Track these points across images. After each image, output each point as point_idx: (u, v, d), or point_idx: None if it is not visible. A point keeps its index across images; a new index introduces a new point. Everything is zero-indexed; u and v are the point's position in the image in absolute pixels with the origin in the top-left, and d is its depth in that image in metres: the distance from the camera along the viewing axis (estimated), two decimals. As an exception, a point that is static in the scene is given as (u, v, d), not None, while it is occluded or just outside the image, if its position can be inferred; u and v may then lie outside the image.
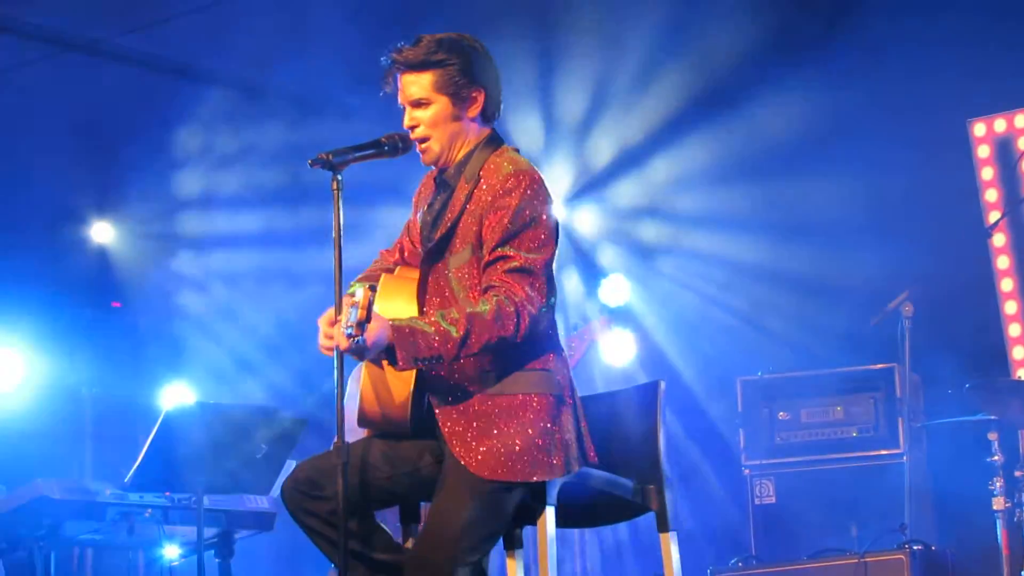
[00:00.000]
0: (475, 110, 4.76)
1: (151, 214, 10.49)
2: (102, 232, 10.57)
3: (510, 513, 4.60)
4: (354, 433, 4.84)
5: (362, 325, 4.21)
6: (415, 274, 4.76)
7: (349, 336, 4.21)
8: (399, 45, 4.74)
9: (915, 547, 7.68)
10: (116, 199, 10.47)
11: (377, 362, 4.60)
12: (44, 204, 10.06)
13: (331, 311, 4.46)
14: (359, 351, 4.32)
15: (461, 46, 4.73)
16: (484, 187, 4.65)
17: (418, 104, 4.73)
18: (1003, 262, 9.38)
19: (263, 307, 10.44)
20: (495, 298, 4.46)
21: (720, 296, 10.23)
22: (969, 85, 9.41)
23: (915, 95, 9.46)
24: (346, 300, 4.37)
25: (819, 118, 9.97)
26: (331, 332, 4.43)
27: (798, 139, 10.09)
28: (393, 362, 4.42)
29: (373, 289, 4.27)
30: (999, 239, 9.34)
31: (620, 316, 10.55)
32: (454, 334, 4.41)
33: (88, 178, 10.28)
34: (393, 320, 4.40)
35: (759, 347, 9.78)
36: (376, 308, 4.29)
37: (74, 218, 10.46)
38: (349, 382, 7.56)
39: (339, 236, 4.52)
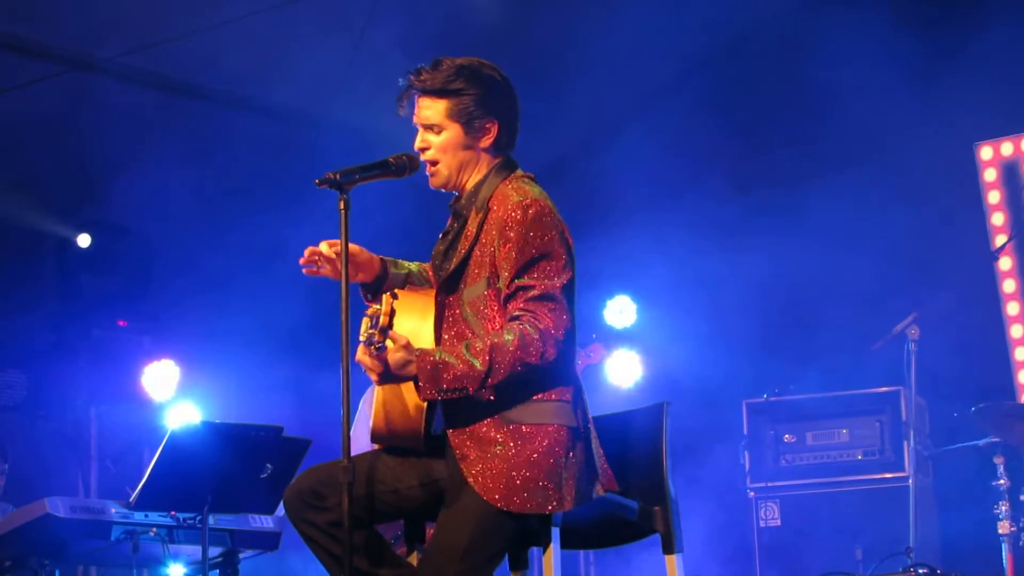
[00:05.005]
0: (487, 140, 4.75)
1: (155, 231, 10.49)
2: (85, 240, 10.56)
3: (514, 537, 4.60)
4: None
5: (384, 331, 4.20)
6: (431, 293, 4.77)
7: (370, 343, 4.20)
8: (418, 67, 4.74)
9: (920, 571, 7.65)
10: (119, 217, 10.48)
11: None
12: (48, 221, 10.07)
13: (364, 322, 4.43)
14: (380, 371, 4.33)
15: (480, 76, 4.73)
16: (493, 218, 4.64)
17: (430, 128, 4.74)
18: (1009, 286, 9.38)
19: (270, 325, 10.45)
20: (519, 327, 4.45)
21: (726, 318, 10.23)
22: (976, 108, 9.43)
23: (921, 117, 9.47)
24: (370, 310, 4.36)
25: (824, 139, 10.00)
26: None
27: (803, 158, 10.12)
28: (418, 391, 4.44)
29: (395, 296, 4.27)
30: (1005, 263, 9.35)
31: (626, 338, 10.56)
32: (478, 366, 4.40)
33: (93, 196, 10.29)
34: (419, 351, 4.40)
35: (765, 369, 9.77)
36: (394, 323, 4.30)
37: (79, 235, 10.46)
38: (361, 405, 7.60)
39: (346, 255, 4.53)
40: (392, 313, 4.21)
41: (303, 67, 9.87)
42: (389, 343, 4.37)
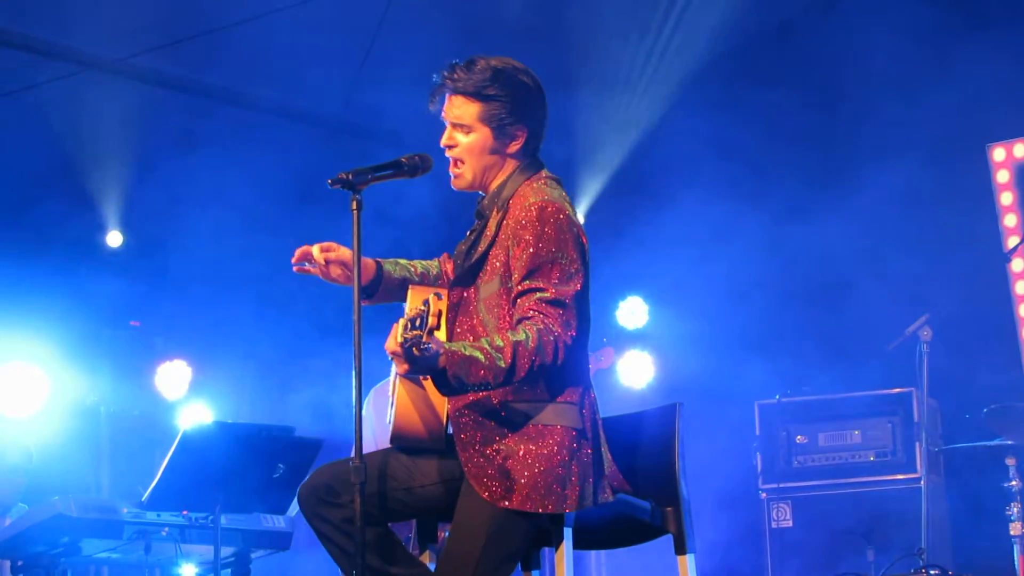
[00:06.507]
0: (515, 147, 4.73)
1: (168, 232, 10.51)
2: (116, 239, 10.58)
3: (527, 537, 4.59)
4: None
5: (432, 333, 4.18)
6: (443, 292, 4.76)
7: (415, 344, 4.15)
8: (453, 64, 4.72)
9: (932, 572, 7.66)
10: (135, 217, 10.50)
11: (414, 378, 4.59)
12: (62, 222, 10.09)
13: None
14: (413, 360, 4.24)
15: (515, 81, 4.70)
16: (510, 217, 4.63)
17: (459, 127, 4.73)
18: (1022, 287, 9.37)
19: (282, 326, 10.47)
20: (535, 327, 4.43)
21: (738, 319, 10.22)
22: (989, 110, 9.42)
23: (935, 119, 9.46)
24: (412, 301, 4.30)
25: (839, 140, 9.99)
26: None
27: (817, 162, 10.11)
28: (441, 385, 4.38)
29: (440, 297, 4.24)
30: (1018, 264, 9.33)
31: (638, 339, 10.56)
32: (501, 363, 4.37)
33: (108, 197, 10.31)
34: (447, 345, 4.37)
35: (777, 371, 9.77)
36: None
37: (92, 236, 10.48)
38: (367, 408, 7.60)
39: (358, 255, 4.53)
40: (440, 314, 4.17)
41: (318, 68, 9.89)
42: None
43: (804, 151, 10.20)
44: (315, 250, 4.85)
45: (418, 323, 4.16)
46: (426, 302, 4.19)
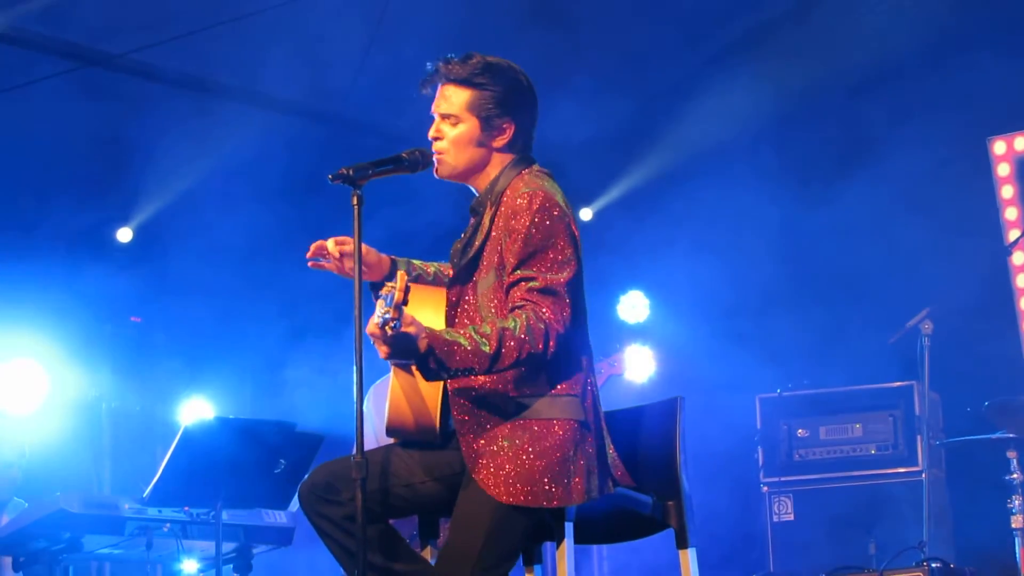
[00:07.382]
0: (501, 141, 4.74)
1: (168, 228, 10.50)
2: (126, 235, 10.58)
3: (528, 531, 4.59)
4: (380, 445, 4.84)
5: (399, 308, 4.18)
6: (443, 289, 4.77)
7: (385, 321, 4.15)
8: (449, 56, 4.73)
9: (933, 565, 7.66)
10: (136, 213, 10.50)
11: (407, 368, 4.59)
12: (63, 218, 10.08)
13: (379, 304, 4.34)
14: (392, 341, 4.24)
15: (506, 75, 4.72)
16: (502, 210, 4.64)
17: (447, 118, 4.73)
18: (1023, 281, 9.37)
19: (284, 321, 10.47)
20: (524, 315, 4.42)
21: (739, 313, 10.22)
22: (989, 103, 9.41)
23: (935, 112, 9.46)
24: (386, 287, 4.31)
25: (839, 135, 9.98)
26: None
27: (818, 158, 10.10)
28: (424, 370, 4.38)
29: (409, 274, 4.23)
30: (1019, 257, 9.33)
31: (639, 333, 10.55)
32: (486, 349, 4.37)
33: (108, 192, 10.31)
34: (429, 329, 4.36)
35: (778, 364, 9.77)
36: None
37: (93, 232, 10.47)
38: (367, 403, 7.60)
39: (359, 252, 4.52)
40: (407, 290, 4.16)
41: (320, 64, 9.89)
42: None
43: (805, 147, 10.19)
44: (330, 244, 4.84)
45: (389, 300, 4.17)
46: (395, 278, 4.20)
